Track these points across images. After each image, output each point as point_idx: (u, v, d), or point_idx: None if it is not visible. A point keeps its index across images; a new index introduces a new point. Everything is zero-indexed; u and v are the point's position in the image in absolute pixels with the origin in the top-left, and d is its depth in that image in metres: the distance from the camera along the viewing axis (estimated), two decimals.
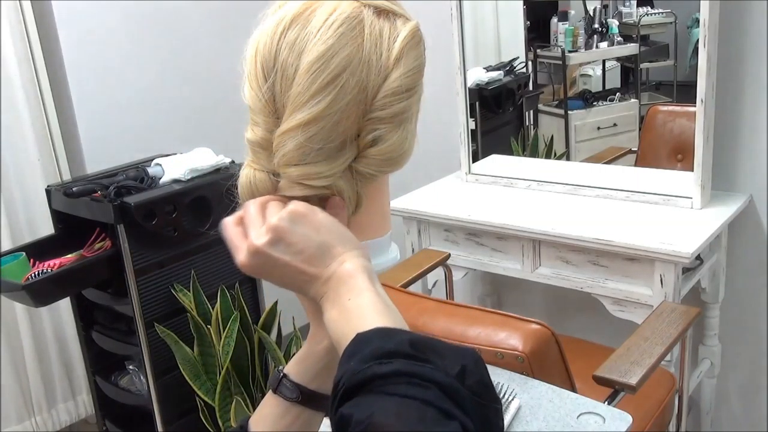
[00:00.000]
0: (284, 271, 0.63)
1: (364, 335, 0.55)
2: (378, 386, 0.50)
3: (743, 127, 1.98)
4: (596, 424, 1.16)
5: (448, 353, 0.53)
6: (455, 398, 0.50)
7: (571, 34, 2.37)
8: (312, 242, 0.62)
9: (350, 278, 0.61)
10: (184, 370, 2.03)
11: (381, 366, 0.50)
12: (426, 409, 0.48)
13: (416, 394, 0.49)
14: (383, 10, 0.67)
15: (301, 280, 0.63)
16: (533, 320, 1.37)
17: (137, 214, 1.90)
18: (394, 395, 0.49)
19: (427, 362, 0.51)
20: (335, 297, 0.61)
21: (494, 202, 2.20)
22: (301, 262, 0.62)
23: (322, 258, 0.62)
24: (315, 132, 0.63)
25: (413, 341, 0.53)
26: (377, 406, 0.48)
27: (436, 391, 0.49)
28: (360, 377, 0.50)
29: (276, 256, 0.62)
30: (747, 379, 2.19)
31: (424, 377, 0.50)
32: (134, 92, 2.57)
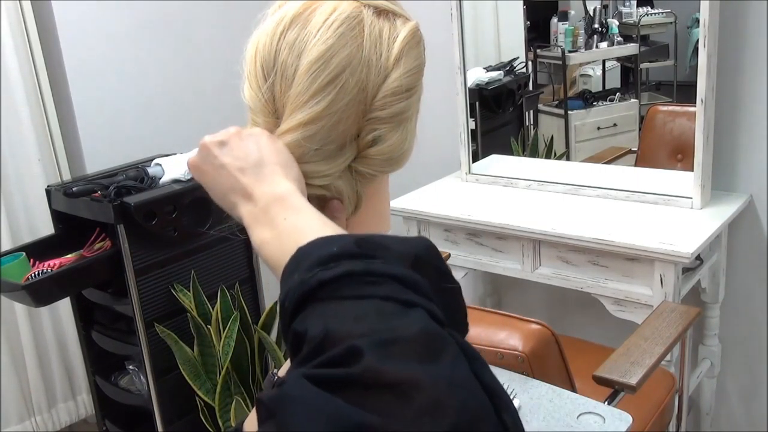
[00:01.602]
0: (219, 174, 0.62)
1: (304, 248, 0.50)
2: (327, 293, 0.45)
3: (743, 127, 1.98)
4: (596, 424, 1.16)
5: (398, 245, 0.50)
6: (413, 287, 0.46)
7: (571, 34, 2.37)
8: (253, 155, 0.61)
9: (284, 199, 0.58)
10: (184, 370, 2.03)
11: (327, 271, 0.46)
12: (384, 304, 0.44)
13: (370, 292, 0.45)
14: (383, 10, 0.67)
15: (231, 188, 0.61)
16: (533, 320, 1.37)
17: (137, 214, 1.90)
18: (346, 299, 0.45)
19: (376, 258, 0.48)
20: (266, 217, 0.57)
21: (494, 202, 2.20)
22: (237, 169, 0.61)
23: (258, 173, 0.60)
24: (314, 132, 0.63)
25: (359, 240, 0.49)
26: (330, 314, 0.44)
27: (391, 284, 0.45)
28: (305, 288, 0.46)
29: (215, 153, 0.62)
30: (747, 379, 2.19)
31: (375, 273, 0.46)
32: (134, 92, 2.57)
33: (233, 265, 2.24)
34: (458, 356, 0.43)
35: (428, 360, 0.41)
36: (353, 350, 0.41)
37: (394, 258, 0.48)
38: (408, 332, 0.42)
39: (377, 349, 0.41)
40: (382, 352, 0.41)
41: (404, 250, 0.50)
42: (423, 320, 0.44)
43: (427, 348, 0.42)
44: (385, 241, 0.50)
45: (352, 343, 0.41)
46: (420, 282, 0.47)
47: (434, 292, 0.48)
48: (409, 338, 0.42)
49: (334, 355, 0.42)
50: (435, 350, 0.42)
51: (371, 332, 0.42)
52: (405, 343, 0.42)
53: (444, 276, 0.51)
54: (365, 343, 0.41)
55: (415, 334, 0.42)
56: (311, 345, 0.43)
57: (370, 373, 0.40)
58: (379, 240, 0.50)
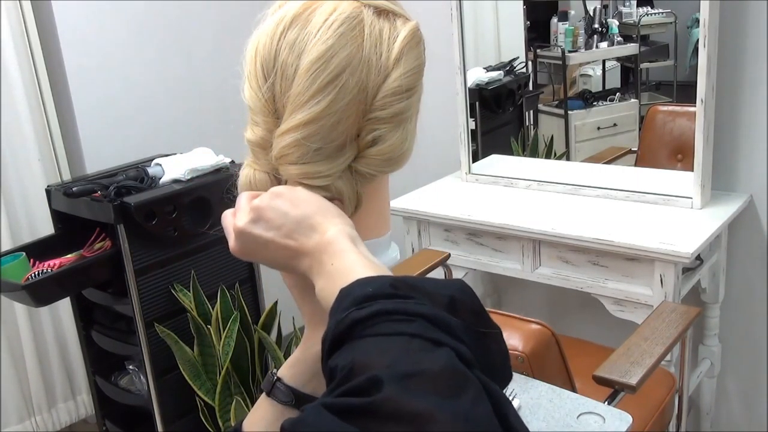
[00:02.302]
0: (269, 249, 0.63)
1: (345, 289, 0.52)
2: (360, 331, 0.47)
3: (743, 127, 1.98)
4: (596, 424, 1.16)
5: (432, 287, 0.51)
6: (444, 328, 0.47)
7: (571, 34, 2.37)
8: (290, 217, 0.62)
9: (330, 244, 0.60)
10: (184, 370, 2.03)
11: (361, 310, 0.48)
12: (411, 340, 0.45)
13: (400, 329, 0.46)
14: (383, 10, 0.67)
15: (286, 256, 0.62)
16: (533, 320, 1.37)
17: (137, 214, 1.90)
18: (377, 336, 0.46)
19: (410, 298, 0.48)
20: (319, 267, 0.59)
21: (494, 202, 2.19)
22: (282, 237, 0.62)
23: (303, 231, 0.61)
24: (314, 131, 0.63)
25: (395, 282, 0.50)
26: (359, 349, 0.46)
27: (422, 322, 0.46)
28: (341, 327, 0.48)
29: (257, 234, 0.62)
30: (747, 379, 2.19)
31: (407, 312, 0.47)
32: (134, 92, 2.57)
33: (233, 265, 2.23)
34: (480, 395, 0.43)
35: (448, 396, 0.42)
36: (373, 380, 0.42)
37: (428, 299, 0.49)
38: (431, 367, 0.43)
39: (397, 380, 0.41)
40: (402, 384, 0.41)
41: (439, 291, 0.50)
42: (448, 358, 0.44)
43: (448, 384, 0.42)
44: (422, 283, 0.51)
45: (373, 374, 0.42)
46: (451, 323, 0.48)
47: (470, 335, 0.48)
48: (431, 373, 0.43)
49: (355, 384, 0.43)
50: (456, 387, 0.42)
51: (393, 364, 0.43)
52: (426, 378, 0.42)
53: (481, 319, 0.51)
54: (386, 375, 0.42)
55: (437, 370, 0.43)
56: (338, 377, 0.45)
57: (388, 403, 0.41)
58: (416, 282, 0.51)
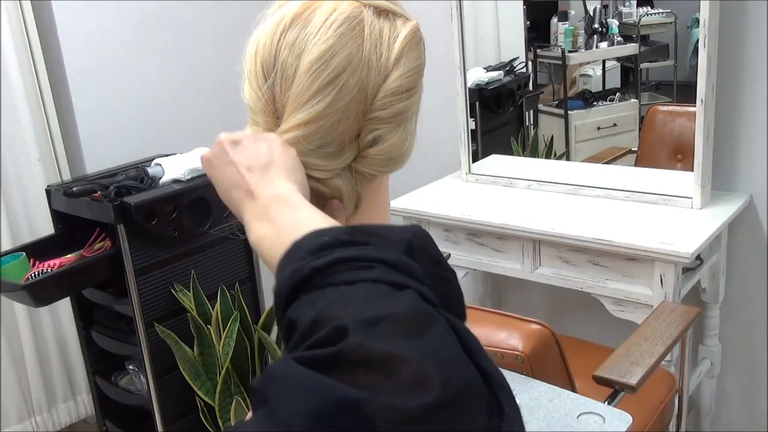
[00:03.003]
0: (228, 171, 0.63)
1: (299, 241, 0.50)
2: (319, 280, 0.46)
3: (743, 127, 1.98)
4: (596, 424, 1.16)
5: (389, 232, 0.50)
6: (405, 271, 0.46)
7: (571, 34, 2.37)
8: (263, 157, 0.62)
9: (285, 197, 0.59)
10: (184, 370, 2.03)
11: (319, 259, 0.46)
12: (374, 286, 0.44)
13: (361, 276, 0.45)
14: (383, 10, 0.67)
15: (238, 187, 0.62)
16: (533, 320, 1.37)
17: (137, 214, 1.90)
18: (337, 285, 0.45)
19: (368, 245, 0.48)
20: (266, 214, 0.58)
21: (494, 202, 2.20)
22: (245, 167, 0.62)
23: (264, 174, 0.61)
24: (314, 131, 0.63)
25: (351, 229, 0.49)
26: (321, 300, 0.45)
27: (382, 268, 0.45)
28: (298, 276, 0.47)
29: (227, 150, 0.63)
30: (747, 379, 2.19)
31: (366, 258, 0.46)
32: (134, 92, 2.57)
33: (233, 265, 2.23)
34: (447, 332, 0.43)
35: (415, 336, 0.42)
36: (339, 329, 0.42)
37: (385, 244, 0.48)
38: (395, 311, 0.43)
39: (363, 327, 0.41)
40: (368, 330, 0.41)
41: (396, 236, 0.50)
42: (412, 300, 0.44)
43: (415, 325, 0.42)
44: (377, 229, 0.50)
45: (338, 324, 0.42)
46: (411, 266, 0.47)
47: (429, 276, 0.48)
48: (396, 316, 0.42)
49: (321, 336, 0.42)
50: (422, 326, 0.42)
51: (358, 312, 0.42)
52: (392, 321, 0.42)
53: (437, 263, 0.51)
54: (351, 322, 0.42)
55: (402, 313, 0.43)
56: (302, 330, 0.44)
57: (354, 350, 0.41)
58: (371, 228, 0.50)
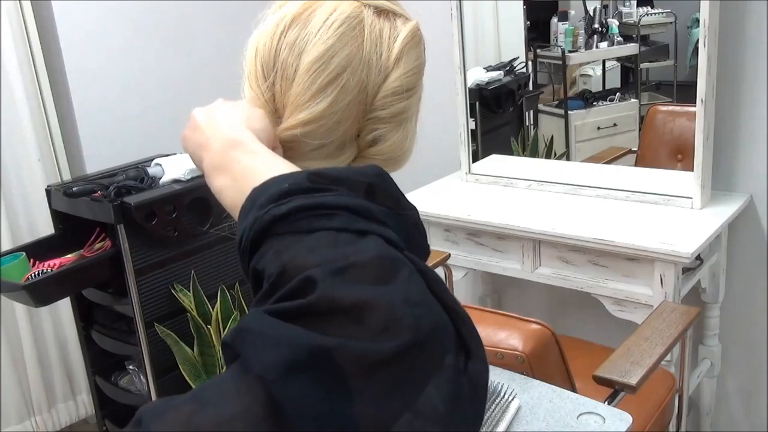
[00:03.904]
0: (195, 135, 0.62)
1: (258, 187, 0.50)
2: (281, 228, 0.46)
3: (743, 127, 1.98)
4: (596, 424, 1.16)
5: (349, 175, 0.50)
6: (367, 216, 0.46)
7: (571, 34, 2.37)
8: (226, 115, 0.61)
9: (241, 142, 0.57)
10: (184, 370, 2.03)
11: (279, 207, 0.47)
12: (338, 234, 0.45)
13: (323, 224, 0.45)
14: (383, 10, 0.67)
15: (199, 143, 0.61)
16: (533, 320, 1.37)
17: (137, 214, 1.90)
18: (300, 233, 0.45)
19: (329, 191, 0.48)
20: (223, 162, 0.57)
21: (494, 202, 2.19)
22: (205, 124, 0.61)
23: (221, 124, 0.60)
24: (315, 130, 0.63)
25: (311, 175, 0.49)
26: (285, 249, 0.45)
27: (344, 214, 0.46)
28: (259, 225, 0.47)
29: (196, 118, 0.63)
30: (747, 379, 2.19)
31: (327, 206, 0.46)
32: (134, 92, 2.57)
33: (233, 265, 2.23)
34: (413, 275, 0.44)
35: (383, 281, 0.42)
36: (307, 280, 0.42)
37: (346, 189, 0.49)
38: (361, 258, 0.43)
39: (330, 276, 0.42)
40: (336, 279, 0.42)
41: (357, 179, 0.50)
42: (377, 246, 0.44)
43: (382, 271, 0.43)
44: (337, 174, 0.50)
45: (306, 274, 0.42)
46: (373, 209, 0.48)
47: (390, 218, 0.48)
48: (363, 263, 0.43)
49: (289, 288, 0.42)
50: (389, 272, 0.43)
51: (325, 262, 0.43)
52: (359, 269, 0.42)
53: (397, 202, 0.51)
54: (318, 273, 0.42)
55: (368, 259, 0.43)
56: (269, 282, 0.44)
57: (324, 300, 0.41)
58: (332, 173, 0.50)
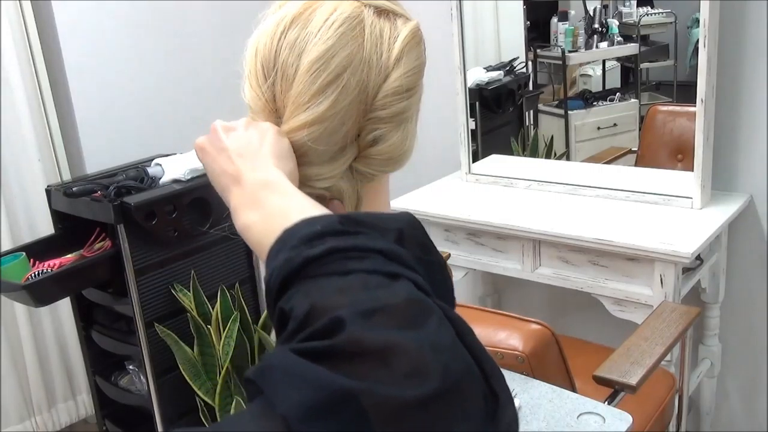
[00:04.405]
0: (219, 156, 0.63)
1: (290, 229, 0.50)
2: (312, 270, 0.45)
3: (743, 127, 1.98)
4: (596, 424, 1.16)
5: (381, 221, 0.50)
6: (398, 260, 0.46)
7: (571, 34, 2.37)
8: (254, 144, 0.62)
9: (273, 183, 0.58)
10: (184, 370, 2.03)
11: (311, 249, 0.46)
12: (369, 277, 0.44)
13: (355, 266, 0.45)
14: (384, 10, 0.67)
15: (226, 173, 0.62)
16: (533, 320, 1.37)
17: (137, 214, 1.90)
18: (331, 275, 0.45)
19: (360, 234, 0.48)
20: (254, 200, 0.57)
21: (494, 202, 2.19)
22: (236, 153, 0.61)
23: (253, 160, 0.61)
24: (320, 133, 0.63)
25: (342, 218, 0.49)
26: (315, 290, 0.44)
27: (375, 257, 0.46)
28: (291, 266, 0.46)
29: (221, 137, 0.63)
30: (747, 379, 2.19)
31: (359, 248, 0.46)
32: (134, 92, 2.57)
33: (233, 265, 2.23)
34: (442, 322, 0.43)
35: (412, 326, 0.41)
36: (336, 321, 0.41)
37: (377, 233, 0.48)
38: (392, 301, 0.43)
39: (360, 318, 0.41)
40: (365, 321, 0.41)
41: (387, 225, 0.50)
42: (407, 290, 0.44)
43: (412, 315, 0.42)
44: (369, 218, 0.50)
45: (335, 315, 0.42)
46: (404, 254, 0.47)
47: (420, 264, 0.48)
48: (393, 307, 0.42)
49: (317, 327, 0.42)
50: (419, 317, 0.42)
51: (354, 303, 0.42)
52: (388, 312, 0.42)
53: (426, 249, 0.51)
54: (347, 314, 0.41)
55: (398, 303, 0.43)
56: (296, 321, 0.43)
57: (352, 342, 0.40)
58: (363, 217, 0.50)
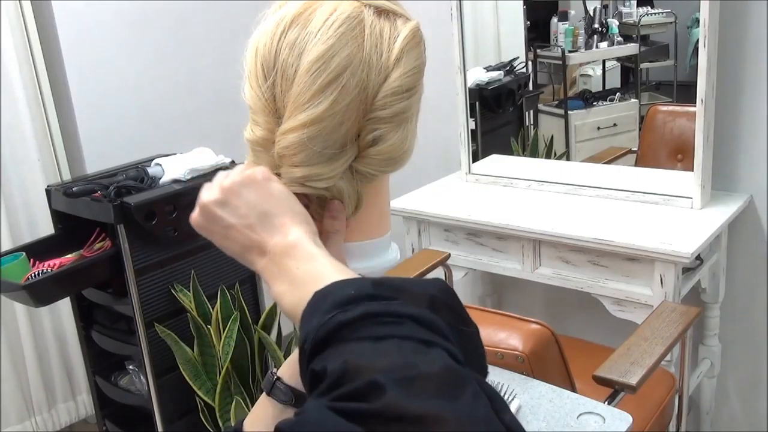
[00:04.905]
0: (229, 234, 0.62)
1: (321, 292, 0.51)
2: (346, 334, 0.46)
3: (743, 127, 1.98)
4: (596, 424, 1.16)
5: (414, 287, 0.50)
6: (431, 327, 0.47)
7: (571, 34, 2.37)
8: (256, 209, 0.61)
9: (294, 248, 0.59)
10: (184, 370, 2.03)
11: (346, 313, 0.47)
12: (403, 342, 0.45)
13: (389, 332, 0.45)
14: (383, 10, 0.67)
15: (244, 247, 0.62)
16: (533, 320, 1.37)
17: (137, 214, 1.90)
18: (365, 339, 0.45)
19: (393, 299, 0.48)
20: (280, 270, 0.58)
21: (494, 202, 2.19)
22: (245, 227, 0.61)
23: (266, 226, 0.61)
24: (318, 132, 0.63)
25: (375, 283, 0.50)
26: (349, 352, 0.45)
27: (410, 324, 0.46)
28: (325, 330, 0.46)
29: (220, 215, 0.62)
30: (747, 379, 2.19)
31: (394, 314, 0.47)
32: (134, 92, 2.57)
33: (233, 265, 2.23)
34: (478, 394, 0.43)
35: (450, 397, 0.42)
36: (375, 385, 0.42)
37: (410, 299, 0.49)
38: (429, 369, 0.43)
39: (400, 385, 0.42)
40: (405, 388, 0.41)
41: (420, 291, 0.50)
42: (443, 358, 0.45)
43: (449, 385, 0.43)
44: (402, 283, 0.51)
45: (374, 378, 0.42)
46: (437, 322, 0.48)
47: (452, 332, 0.48)
48: (431, 375, 0.43)
49: (355, 388, 0.42)
50: (456, 387, 0.43)
51: (393, 368, 0.43)
52: (427, 380, 0.42)
53: (460, 317, 0.51)
54: (387, 379, 0.42)
55: (436, 372, 0.43)
56: (331, 379, 0.44)
57: (392, 408, 0.41)
58: (396, 282, 0.51)
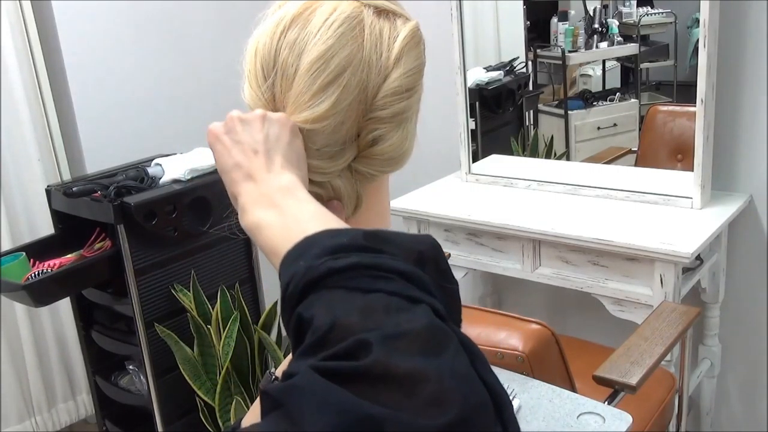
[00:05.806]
0: (233, 148, 0.62)
1: (312, 236, 0.51)
2: (335, 281, 0.46)
3: (743, 127, 1.98)
4: (596, 424, 1.16)
5: (403, 242, 0.51)
6: (418, 284, 0.48)
7: (571, 34, 2.37)
8: (270, 142, 0.62)
9: (291, 189, 0.59)
10: (184, 370, 2.03)
11: (337, 260, 0.47)
12: (390, 299, 0.46)
13: (378, 286, 0.46)
14: (383, 10, 0.67)
15: (239, 167, 0.61)
16: (533, 320, 1.38)
17: (137, 214, 1.90)
18: (353, 290, 0.46)
19: (384, 253, 0.49)
20: (270, 201, 0.58)
21: (494, 202, 2.19)
22: (251, 149, 0.61)
23: (268, 159, 0.61)
24: (319, 131, 0.63)
25: (367, 234, 0.50)
26: (338, 305, 0.45)
27: (398, 280, 0.47)
28: (313, 274, 0.47)
29: (237, 129, 0.63)
30: (747, 379, 2.19)
31: (383, 268, 0.47)
32: (134, 92, 2.57)
33: (233, 265, 2.23)
34: (459, 350, 0.44)
35: (433, 354, 0.43)
36: (362, 344, 0.42)
37: (400, 253, 0.49)
38: (414, 327, 0.44)
39: (385, 343, 0.42)
40: (390, 346, 0.42)
41: (409, 246, 0.51)
42: (427, 316, 0.45)
43: (432, 342, 0.44)
44: (392, 237, 0.51)
45: (361, 337, 0.43)
46: (424, 278, 0.48)
47: (437, 288, 0.49)
48: (415, 333, 0.44)
49: (343, 347, 0.43)
50: (439, 344, 0.44)
51: (378, 326, 0.43)
52: (411, 338, 0.43)
53: (444, 275, 0.52)
54: (373, 337, 0.42)
55: (420, 329, 0.44)
56: (317, 334, 0.44)
57: (378, 366, 0.42)
58: (386, 235, 0.51)
